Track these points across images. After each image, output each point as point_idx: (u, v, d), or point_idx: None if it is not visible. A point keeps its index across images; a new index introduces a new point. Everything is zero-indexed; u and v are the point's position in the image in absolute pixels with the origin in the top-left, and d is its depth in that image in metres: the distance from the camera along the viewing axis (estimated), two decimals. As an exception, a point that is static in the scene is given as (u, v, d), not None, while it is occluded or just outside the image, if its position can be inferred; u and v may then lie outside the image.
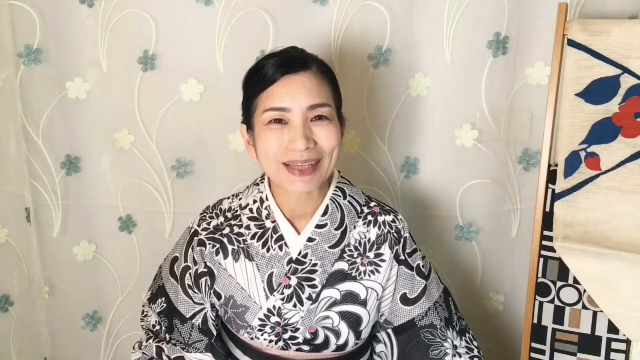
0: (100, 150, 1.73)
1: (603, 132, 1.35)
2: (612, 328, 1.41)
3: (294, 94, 1.13)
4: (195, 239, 1.29)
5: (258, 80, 1.17)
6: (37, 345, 1.88)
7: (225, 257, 1.27)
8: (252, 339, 1.26)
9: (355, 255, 1.25)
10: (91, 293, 1.84)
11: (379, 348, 1.32)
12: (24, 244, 1.80)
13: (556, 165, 1.42)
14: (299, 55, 1.19)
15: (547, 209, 1.44)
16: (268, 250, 1.24)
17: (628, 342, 1.41)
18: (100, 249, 1.81)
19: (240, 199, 1.32)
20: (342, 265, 1.24)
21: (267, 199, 1.27)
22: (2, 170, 1.75)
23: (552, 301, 1.46)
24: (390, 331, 1.29)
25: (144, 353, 1.31)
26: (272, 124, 1.15)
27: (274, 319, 1.23)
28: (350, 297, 1.24)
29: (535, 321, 1.48)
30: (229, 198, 1.35)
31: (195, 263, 1.29)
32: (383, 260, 1.26)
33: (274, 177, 1.21)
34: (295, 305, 1.22)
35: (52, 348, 1.88)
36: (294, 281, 1.23)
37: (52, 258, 1.80)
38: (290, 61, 1.16)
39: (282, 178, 1.17)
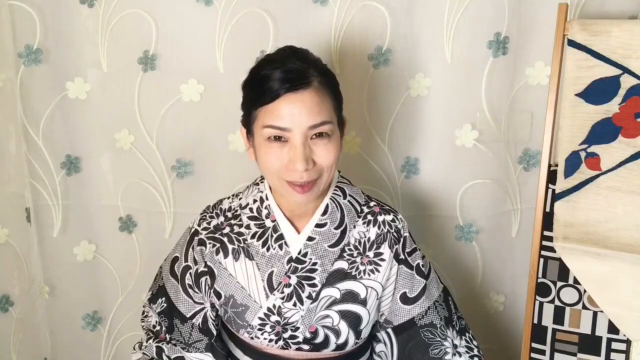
0: (100, 150, 1.73)
1: (603, 132, 1.35)
2: (612, 328, 1.41)
3: (294, 115, 1.11)
4: (196, 238, 1.30)
5: (259, 92, 1.14)
6: (37, 345, 1.88)
7: (225, 256, 1.27)
8: (252, 338, 1.26)
9: (355, 254, 1.25)
10: (91, 293, 1.84)
11: (379, 347, 1.32)
12: (24, 244, 1.80)
13: (556, 165, 1.42)
14: (300, 68, 1.14)
15: (547, 209, 1.44)
16: (268, 249, 1.24)
17: (628, 342, 1.41)
18: (100, 249, 1.82)
19: (240, 199, 1.32)
20: (342, 264, 1.24)
21: (266, 198, 1.27)
22: (2, 170, 1.75)
23: (552, 301, 1.46)
24: (390, 330, 1.29)
25: (144, 353, 1.31)
26: (272, 141, 1.14)
27: (274, 318, 1.23)
28: (350, 296, 1.24)
29: (535, 321, 1.48)
30: (228, 198, 1.35)
31: (195, 262, 1.29)
32: (382, 260, 1.26)
33: (275, 187, 1.22)
34: (295, 304, 1.23)
35: (52, 348, 1.88)
36: (293, 280, 1.23)
37: (52, 258, 1.80)
38: (292, 76, 1.12)
39: (283, 190, 1.18)
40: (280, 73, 1.12)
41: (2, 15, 1.61)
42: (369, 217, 1.29)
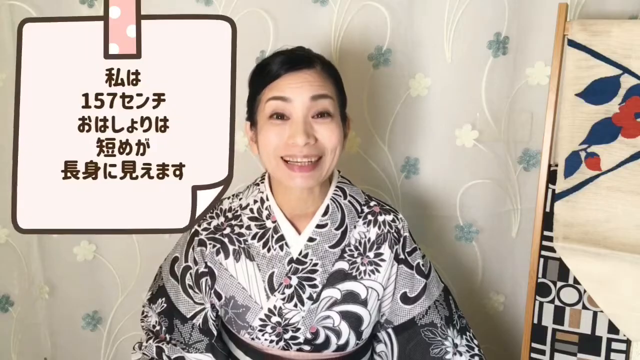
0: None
1: (603, 132, 1.35)
2: (612, 328, 1.41)
3: (295, 87, 1.14)
4: (196, 238, 1.29)
5: (263, 76, 1.18)
6: (37, 345, 1.88)
7: (226, 257, 1.27)
8: (252, 339, 1.26)
9: (355, 255, 1.25)
10: (91, 293, 1.84)
11: (379, 347, 1.32)
12: (24, 244, 1.80)
13: (556, 165, 1.41)
14: (304, 54, 1.20)
15: (547, 209, 1.44)
16: (269, 250, 1.24)
17: (628, 342, 1.41)
18: (100, 249, 1.81)
19: (241, 199, 1.32)
20: (343, 265, 1.24)
21: (267, 199, 1.27)
22: (2, 170, 1.75)
23: (552, 301, 1.46)
24: (390, 330, 1.29)
25: (144, 353, 1.30)
26: (274, 119, 1.16)
27: (275, 319, 1.23)
28: (351, 297, 1.24)
29: (535, 321, 1.48)
30: (229, 198, 1.34)
31: (196, 263, 1.29)
32: (383, 260, 1.26)
33: (273, 173, 1.21)
34: (295, 305, 1.22)
35: (52, 348, 1.88)
36: (294, 281, 1.23)
37: (52, 258, 1.80)
38: (295, 59, 1.17)
39: (281, 173, 1.18)
40: (282, 57, 1.17)
41: (2, 15, 1.61)
42: (369, 217, 1.28)
